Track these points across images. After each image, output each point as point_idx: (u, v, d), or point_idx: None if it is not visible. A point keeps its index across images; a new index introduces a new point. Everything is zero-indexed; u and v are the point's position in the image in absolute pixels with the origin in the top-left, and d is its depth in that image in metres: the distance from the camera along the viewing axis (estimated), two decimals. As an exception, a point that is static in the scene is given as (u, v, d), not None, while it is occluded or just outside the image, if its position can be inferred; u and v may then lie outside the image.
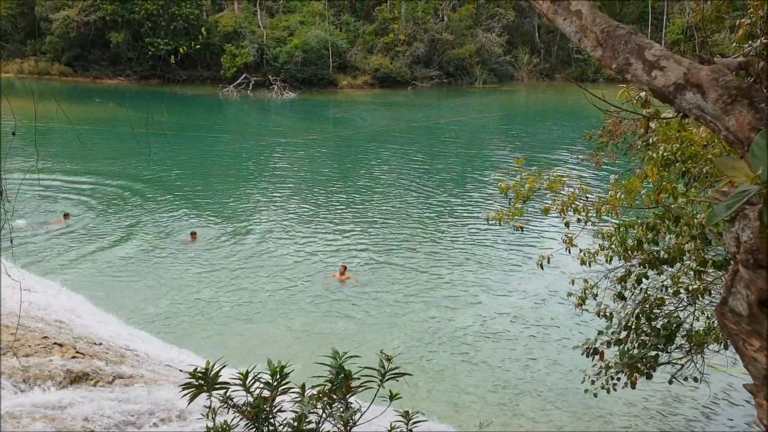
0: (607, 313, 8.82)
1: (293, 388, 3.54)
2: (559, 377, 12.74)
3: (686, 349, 8.87)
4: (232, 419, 3.45)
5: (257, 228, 21.80)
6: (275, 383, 3.48)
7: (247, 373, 3.48)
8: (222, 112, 53.19)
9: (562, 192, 8.12)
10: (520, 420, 11.52)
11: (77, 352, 10.24)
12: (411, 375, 4.15)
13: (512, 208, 8.31)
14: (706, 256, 7.65)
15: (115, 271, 17.80)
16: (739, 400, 11.78)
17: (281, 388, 3.50)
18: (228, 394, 3.47)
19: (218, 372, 3.47)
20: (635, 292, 8.50)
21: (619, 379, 8.59)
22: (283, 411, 3.49)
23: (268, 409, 3.44)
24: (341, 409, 3.52)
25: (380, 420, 3.76)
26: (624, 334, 8.49)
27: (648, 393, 11.82)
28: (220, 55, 61.41)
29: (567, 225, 8.20)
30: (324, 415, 3.51)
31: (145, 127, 9.36)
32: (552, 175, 8.17)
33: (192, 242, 19.77)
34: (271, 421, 3.45)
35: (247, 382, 3.47)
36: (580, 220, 8.07)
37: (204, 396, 3.46)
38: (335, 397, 3.53)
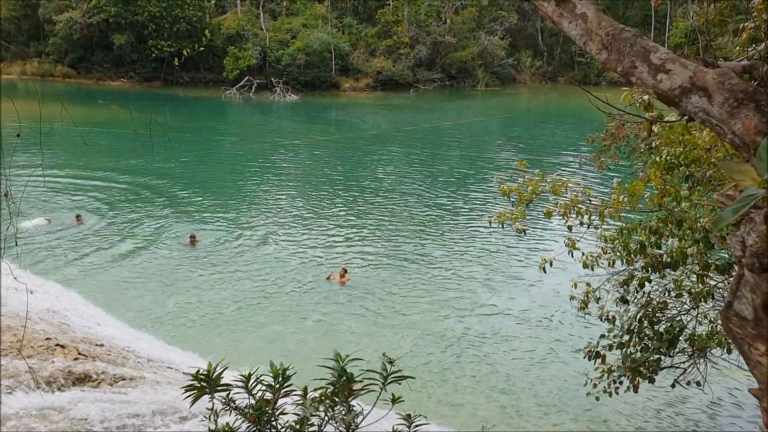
0: (609, 317, 8.80)
1: (295, 390, 3.53)
2: (561, 380, 12.71)
3: (689, 353, 8.85)
4: (234, 421, 3.44)
5: (259, 230, 21.80)
6: (277, 385, 3.48)
7: (250, 375, 3.47)
8: (224, 115, 53.26)
9: (564, 195, 8.10)
10: (523, 422, 11.50)
11: (79, 354, 10.25)
12: (413, 378, 4.14)
13: (515, 211, 8.29)
14: (709, 260, 7.62)
15: (117, 272, 17.82)
16: (742, 404, 11.74)
17: (283, 391, 3.50)
18: (230, 396, 3.47)
19: (220, 374, 3.47)
20: (638, 295, 8.48)
21: (621, 382, 8.57)
22: (285, 414, 3.49)
23: (270, 411, 3.43)
24: (343, 412, 3.51)
25: (382, 423, 3.75)
26: (626, 337, 8.47)
27: (650, 396, 11.79)
28: (223, 57, 61.56)
29: (570, 228, 8.18)
30: (326, 418, 3.50)
31: (148, 129, 9.37)
32: (555, 178, 8.16)
33: (192, 245, 19.75)
34: (273, 423, 3.44)
35: (250, 384, 3.46)
36: (582, 223, 8.05)
37: (206, 398, 3.46)
38: (337, 400, 3.51)
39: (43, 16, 64.09)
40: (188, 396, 3.47)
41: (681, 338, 8.45)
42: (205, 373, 3.43)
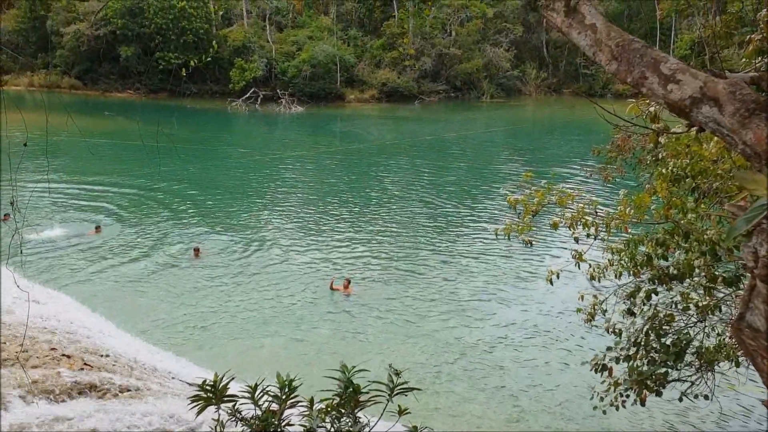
0: (616, 329, 8.74)
1: (301, 401, 3.51)
2: (568, 393, 12.64)
3: (696, 367, 8.77)
4: (241, 432, 3.43)
5: (265, 241, 21.81)
6: (284, 396, 3.46)
7: (256, 386, 3.46)
8: (231, 126, 53.47)
9: (571, 207, 8.07)
10: (529, 436, 11.42)
11: (85, 364, 10.23)
12: (420, 390, 4.11)
13: (521, 223, 8.27)
14: (717, 272, 7.57)
15: (124, 283, 17.83)
16: (752, 417, 11.63)
17: (289, 402, 3.48)
18: (236, 406, 3.45)
19: (226, 385, 3.46)
20: (644, 308, 8.42)
21: (628, 395, 8.50)
22: (291, 425, 3.47)
23: (276, 422, 3.41)
24: (349, 424, 3.49)
25: (389, 435, 3.72)
26: (633, 350, 8.40)
27: (657, 410, 11.70)
28: (229, 69, 61.93)
29: (576, 240, 8.15)
30: (332, 429, 3.48)
31: (155, 140, 9.40)
32: (561, 190, 8.14)
33: (196, 258, 19.73)
34: (280, 434, 3.42)
35: (256, 395, 3.45)
36: (589, 235, 8.01)
37: (212, 409, 3.44)
38: (344, 411, 3.50)
39: (50, 28, 64.66)
40: (194, 406, 3.46)
41: (688, 351, 8.38)
42: (211, 383, 3.42)
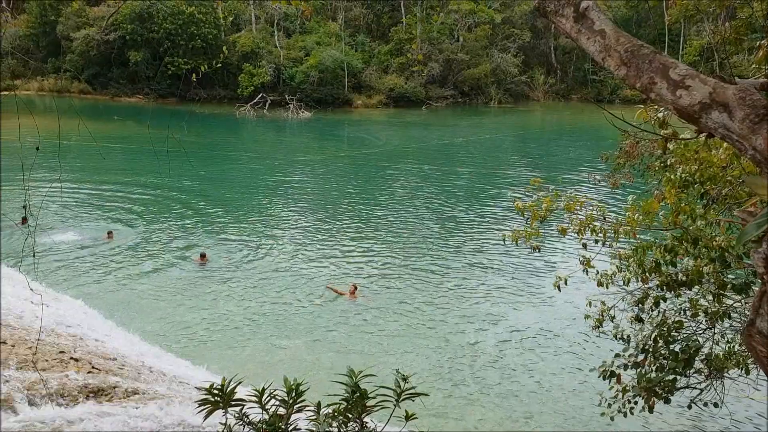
0: (624, 336, 8.70)
1: (309, 406, 3.52)
2: (575, 399, 12.58)
3: (705, 374, 8.71)
4: (248, 437, 3.43)
5: (273, 246, 21.84)
6: (291, 401, 3.47)
7: (263, 390, 3.47)
8: (239, 131, 53.65)
9: (579, 213, 8.05)
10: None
11: (93, 367, 10.27)
12: (427, 395, 4.10)
13: (529, 228, 8.25)
14: (726, 279, 7.53)
15: (132, 287, 17.88)
16: (762, 426, 11.54)
17: (297, 406, 3.49)
18: (243, 411, 3.46)
19: (234, 389, 3.47)
20: (653, 314, 8.38)
21: (636, 402, 8.45)
22: (299, 429, 3.47)
23: (283, 426, 3.42)
24: (356, 429, 3.49)
25: (396, 440, 3.72)
26: (642, 357, 8.35)
27: (666, 416, 11.62)
28: (237, 74, 62.19)
29: (584, 246, 8.12)
30: (339, 434, 3.48)
31: (165, 145, 9.45)
32: (569, 195, 8.12)
33: (202, 263, 19.77)
34: (287, 439, 3.42)
35: (263, 399, 3.46)
36: (597, 241, 7.99)
37: (220, 413, 3.45)
38: (351, 416, 3.50)
39: (61, 33, 65.16)
40: (201, 410, 3.47)
41: (697, 358, 8.32)
42: (219, 387, 3.43)
